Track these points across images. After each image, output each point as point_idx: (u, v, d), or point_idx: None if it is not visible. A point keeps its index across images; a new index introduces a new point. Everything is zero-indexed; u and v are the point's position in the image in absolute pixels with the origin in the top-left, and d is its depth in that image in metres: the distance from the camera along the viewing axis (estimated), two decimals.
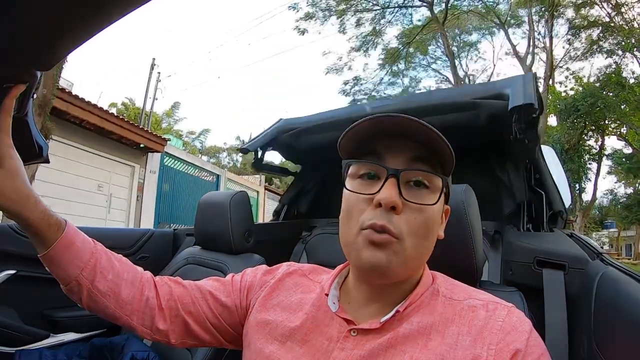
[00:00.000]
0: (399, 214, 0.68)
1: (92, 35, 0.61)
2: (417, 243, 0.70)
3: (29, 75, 0.72)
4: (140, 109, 18.92)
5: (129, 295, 0.86)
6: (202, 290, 0.92)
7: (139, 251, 2.13)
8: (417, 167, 0.71)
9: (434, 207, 0.71)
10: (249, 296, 0.91)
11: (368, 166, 0.74)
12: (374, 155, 0.73)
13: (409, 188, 0.71)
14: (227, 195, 1.80)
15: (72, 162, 8.84)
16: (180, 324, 0.89)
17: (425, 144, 0.70)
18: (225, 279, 0.97)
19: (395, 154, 0.72)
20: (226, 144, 44.58)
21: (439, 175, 0.72)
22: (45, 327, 1.68)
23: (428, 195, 0.71)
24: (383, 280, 0.73)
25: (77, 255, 0.81)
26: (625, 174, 26.27)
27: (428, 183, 0.72)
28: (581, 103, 17.26)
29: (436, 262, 0.84)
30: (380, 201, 0.68)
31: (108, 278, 0.85)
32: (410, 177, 0.71)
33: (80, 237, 0.84)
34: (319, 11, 17.26)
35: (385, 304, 0.75)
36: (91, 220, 9.33)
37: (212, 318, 0.90)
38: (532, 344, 0.64)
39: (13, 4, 0.51)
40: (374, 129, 0.72)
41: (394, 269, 0.69)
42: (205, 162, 17.95)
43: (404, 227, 0.68)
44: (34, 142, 0.93)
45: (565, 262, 1.14)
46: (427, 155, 0.71)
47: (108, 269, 0.85)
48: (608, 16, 16.96)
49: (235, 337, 0.92)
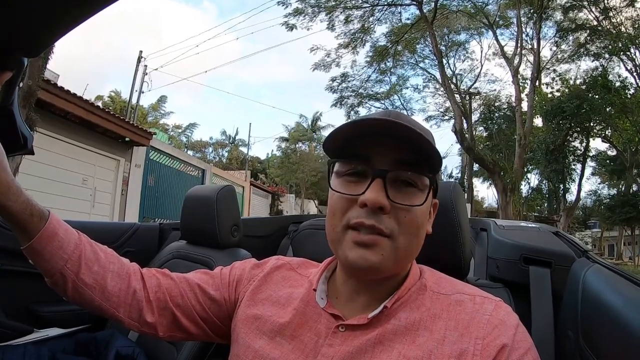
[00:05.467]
0: (387, 214, 0.68)
1: (81, 22, 0.60)
2: (409, 241, 0.70)
3: (15, 62, 0.71)
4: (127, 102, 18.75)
5: (115, 287, 0.85)
6: (190, 283, 0.91)
7: (124, 245, 2.10)
8: (403, 167, 0.71)
9: (422, 206, 0.71)
10: (238, 289, 0.90)
11: (354, 166, 0.73)
12: (360, 156, 0.73)
13: (397, 188, 0.70)
14: (214, 190, 1.79)
15: (57, 155, 8.76)
16: (169, 317, 0.88)
17: (411, 145, 0.70)
18: (213, 272, 0.96)
19: (382, 154, 0.71)
20: (212, 139, 44.34)
21: (426, 175, 0.72)
22: (29, 322, 1.66)
23: (416, 195, 0.71)
24: (373, 277, 0.73)
25: (61, 247, 0.79)
26: (609, 176, 26.66)
27: (415, 182, 0.71)
28: (567, 105, 17.44)
29: (424, 258, 0.84)
30: (366, 202, 0.68)
31: (93, 269, 0.83)
32: (397, 178, 0.71)
33: (64, 228, 0.82)
34: (308, 7, 17.21)
35: (373, 298, 0.75)
36: (75, 214, 9.21)
37: (200, 311, 0.89)
38: (519, 339, 0.65)
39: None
40: (360, 130, 0.72)
41: (385, 266, 0.69)
42: (191, 156, 17.90)
43: (395, 226, 0.68)
44: (19, 133, 0.91)
45: (551, 259, 1.15)
46: (413, 155, 0.71)
47: (93, 261, 0.83)
48: (596, 20, 17.21)
49: (223, 331, 0.91)
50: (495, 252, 1.30)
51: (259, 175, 32.51)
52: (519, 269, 1.18)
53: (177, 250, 1.84)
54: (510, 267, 1.21)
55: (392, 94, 24.20)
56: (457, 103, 18.36)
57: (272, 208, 25.19)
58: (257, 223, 2.56)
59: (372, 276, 0.72)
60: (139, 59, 17.33)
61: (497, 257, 1.27)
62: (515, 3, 17.24)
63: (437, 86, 24.20)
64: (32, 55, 0.70)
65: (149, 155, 12.03)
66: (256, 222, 2.61)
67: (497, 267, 1.26)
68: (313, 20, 17.59)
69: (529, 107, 17.29)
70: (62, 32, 0.63)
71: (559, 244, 1.24)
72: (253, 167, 34.56)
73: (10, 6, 0.54)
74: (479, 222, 1.67)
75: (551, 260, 1.15)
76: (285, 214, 18.15)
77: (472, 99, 23.36)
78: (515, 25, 18.39)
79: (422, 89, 25.50)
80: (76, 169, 9.45)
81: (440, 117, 27.04)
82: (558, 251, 1.18)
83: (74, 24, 0.60)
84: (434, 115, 27.14)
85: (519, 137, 16.70)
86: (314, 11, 17.39)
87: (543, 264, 1.16)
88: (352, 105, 22.22)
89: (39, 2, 0.55)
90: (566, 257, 1.14)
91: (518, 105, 17.65)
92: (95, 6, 0.58)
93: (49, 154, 8.47)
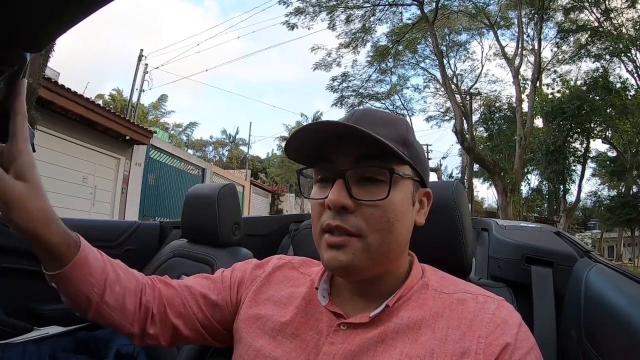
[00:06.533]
0: (352, 212, 0.69)
1: (85, 16, 0.59)
2: (382, 238, 0.69)
3: (17, 58, 0.70)
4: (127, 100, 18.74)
5: (131, 305, 0.82)
6: (192, 291, 0.89)
7: (124, 243, 2.10)
8: (364, 164, 0.70)
9: (392, 199, 0.70)
10: (240, 291, 0.90)
11: (322, 169, 0.75)
12: (325, 159, 0.73)
13: (362, 185, 0.70)
14: (215, 188, 1.79)
15: (57, 153, 8.72)
16: (170, 328, 0.86)
17: (372, 140, 0.68)
18: (215, 275, 0.95)
19: (344, 154, 0.71)
20: (212, 138, 44.38)
21: (387, 168, 0.70)
22: (28, 320, 1.66)
23: (381, 190, 0.70)
24: (352, 278, 0.74)
25: (91, 272, 0.75)
26: (609, 177, 26.65)
27: (380, 177, 0.71)
28: (567, 106, 17.45)
29: (426, 257, 0.84)
30: (329, 203, 0.68)
31: (115, 290, 0.79)
32: (359, 175, 0.71)
33: (93, 252, 0.77)
34: (309, 6, 17.21)
35: (375, 297, 0.75)
36: (75, 212, 9.19)
37: (202, 319, 0.88)
38: (522, 338, 0.64)
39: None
40: (321, 134, 0.72)
41: (358, 265, 0.69)
42: (191, 155, 17.90)
43: (362, 224, 0.68)
44: None
45: (554, 259, 1.15)
46: (374, 150, 0.70)
47: (115, 282, 0.80)
48: (597, 21, 17.20)
49: (225, 336, 0.90)
50: (496, 251, 1.29)
51: (259, 175, 32.54)
52: (521, 268, 1.18)
53: (177, 249, 1.84)
54: (512, 267, 1.21)
55: (393, 94, 24.31)
56: (457, 103, 18.35)
57: (272, 207, 25.20)
58: (258, 222, 2.56)
59: (351, 277, 0.73)
60: (139, 58, 17.32)
61: (499, 257, 1.27)
62: (516, 4, 17.25)
63: (437, 86, 24.32)
64: (34, 50, 0.70)
65: (149, 154, 12.01)
66: (257, 221, 2.61)
67: (499, 266, 1.25)
68: (314, 19, 17.65)
69: (529, 108, 17.29)
70: (65, 26, 0.62)
71: (561, 244, 1.24)
72: (253, 167, 34.62)
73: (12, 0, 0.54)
74: (480, 222, 1.67)
75: (553, 260, 1.15)
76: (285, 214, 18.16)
77: (472, 99, 23.37)
78: (516, 26, 18.44)
79: (422, 89, 25.68)
80: (76, 167, 9.42)
81: (440, 117, 27.18)
82: (560, 251, 1.17)
83: (78, 18, 0.60)
84: (434, 116, 27.31)
85: (519, 138, 16.70)
86: (314, 10, 17.43)
87: (545, 264, 1.15)
88: (352, 105, 22.27)
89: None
90: (568, 257, 1.14)
91: (518, 105, 17.65)
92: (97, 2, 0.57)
93: (50, 152, 8.43)
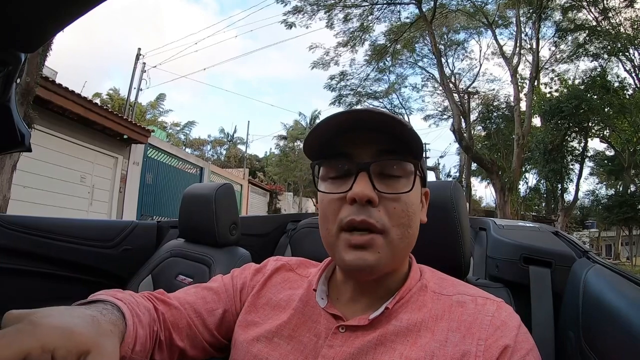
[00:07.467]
0: (376, 207, 0.68)
1: (80, 15, 0.59)
2: (402, 233, 0.69)
3: (12, 58, 0.70)
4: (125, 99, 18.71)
5: (148, 340, 0.76)
6: (196, 309, 0.86)
7: (122, 243, 2.09)
8: (385, 157, 0.70)
9: (411, 194, 0.71)
10: (242, 298, 0.88)
11: (338, 164, 0.73)
12: (342, 153, 0.72)
13: (382, 179, 0.70)
14: (213, 187, 1.78)
15: (54, 153, 8.73)
16: (176, 352, 0.82)
17: (390, 133, 0.70)
18: (215, 285, 0.91)
19: (363, 148, 0.71)
20: (210, 137, 44.36)
21: (410, 161, 0.72)
22: None
23: (402, 183, 0.71)
24: (370, 277, 0.72)
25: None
26: (607, 176, 26.76)
27: (400, 171, 0.71)
28: (565, 105, 17.44)
29: (424, 257, 0.83)
30: (354, 196, 0.67)
31: (140, 334, 0.72)
32: (381, 169, 0.70)
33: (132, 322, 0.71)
34: (307, 5, 17.20)
35: (374, 299, 0.75)
36: (73, 212, 9.22)
37: (208, 337, 0.85)
38: (521, 340, 0.64)
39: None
40: (337, 127, 0.71)
41: (383, 264, 0.69)
42: (189, 154, 17.89)
43: (385, 219, 0.68)
44: (16, 130, 0.90)
45: (552, 259, 1.15)
46: (394, 144, 0.71)
47: (141, 331, 0.73)
48: (595, 20, 17.22)
49: (226, 346, 0.87)
50: (494, 251, 1.29)
51: (257, 174, 32.51)
52: (519, 268, 1.17)
53: (175, 249, 1.84)
54: (510, 267, 1.20)
55: (391, 93, 24.27)
56: (455, 102, 18.35)
57: (270, 206, 25.20)
58: (256, 221, 2.55)
59: (371, 276, 0.71)
60: (137, 56, 17.30)
61: (497, 257, 1.26)
62: (514, 3, 17.27)
63: (435, 85, 24.31)
64: (29, 50, 0.69)
65: (147, 153, 12.01)
66: (254, 220, 2.60)
67: (497, 266, 1.25)
68: (312, 18, 17.61)
69: (527, 107, 17.33)
70: (60, 25, 0.62)
71: (559, 244, 1.24)
72: (251, 165, 34.59)
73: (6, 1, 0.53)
74: (478, 221, 1.66)
75: (551, 260, 1.15)
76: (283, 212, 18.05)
77: (470, 98, 23.34)
78: (515, 25, 18.47)
79: (420, 88, 25.64)
80: (74, 167, 9.41)
81: (438, 116, 27.15)
82: (558, 251, 1.17)
83: (73, 17, 0.59)
84: (432, 114, 27.28)
85: (517, 137, 16.73)
86: (313, 9, 17.41)
87: (543, 264, 1.15)
88: (350, 104, 22.21)
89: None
90: (566, 257, 1.14)
91: (516, 104, 17.70)
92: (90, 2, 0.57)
93: (47, 151, 8.43)
